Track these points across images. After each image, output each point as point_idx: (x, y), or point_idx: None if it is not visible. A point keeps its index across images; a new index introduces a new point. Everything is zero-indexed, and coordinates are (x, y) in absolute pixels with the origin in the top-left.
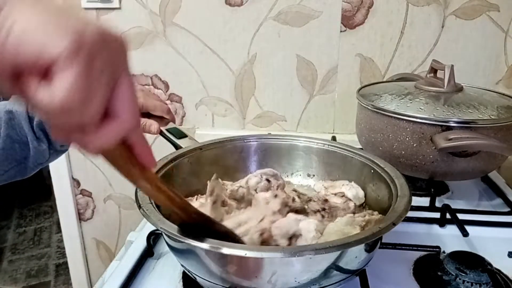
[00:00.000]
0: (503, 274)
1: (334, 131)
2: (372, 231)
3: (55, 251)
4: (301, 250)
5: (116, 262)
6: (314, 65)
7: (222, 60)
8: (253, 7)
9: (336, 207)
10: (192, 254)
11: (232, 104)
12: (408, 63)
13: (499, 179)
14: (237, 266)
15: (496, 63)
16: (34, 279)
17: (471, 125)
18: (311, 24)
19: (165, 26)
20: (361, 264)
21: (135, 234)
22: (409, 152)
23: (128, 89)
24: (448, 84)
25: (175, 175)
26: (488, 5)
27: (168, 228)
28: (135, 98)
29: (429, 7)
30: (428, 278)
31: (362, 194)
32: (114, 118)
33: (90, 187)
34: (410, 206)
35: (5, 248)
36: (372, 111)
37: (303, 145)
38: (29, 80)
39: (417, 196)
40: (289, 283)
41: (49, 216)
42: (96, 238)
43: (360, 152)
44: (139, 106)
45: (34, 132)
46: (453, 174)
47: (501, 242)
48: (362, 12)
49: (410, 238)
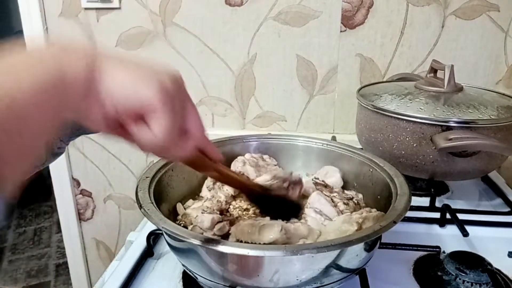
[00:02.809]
0: (503, 274)
1: (334, 131)
2: (373, 229)
3: (55, 251)
4: (303, 248)
5: (116, 262)
6: (314, 65)
7: (222, 60)
8: (253, 7)
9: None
10: (193, 253)
11: (232, 104)
12: (408, 63)
13: (499, 179)
14: (239, 264)
15: (496, 63)
16: (34, 279)
17: (471, 125)
18: (311, 24)
19: (165, 26)
20: (361, 263)
21: (135, 234)
22: (409, 152)
23: (195, 112)
24: (448, 84)
25: (174, 175)
26: (488, 5)
27: (169, 228)
28: (199, 117)
29: (429, 7)
30: (428, 278)
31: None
32: (191, 136)
33: (90, 187)
34: (410, 206)
35: (5, 248)
36: (372, 111)
37: (302, 145)
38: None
39: (417, 196)
40: (290, 282)
41: (49, 216)
42: (96, 238)
43: (359, 151)
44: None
45: None
46: (453, 174)
47: (501, 242)
48: (362, 12)
49: (410, 238)
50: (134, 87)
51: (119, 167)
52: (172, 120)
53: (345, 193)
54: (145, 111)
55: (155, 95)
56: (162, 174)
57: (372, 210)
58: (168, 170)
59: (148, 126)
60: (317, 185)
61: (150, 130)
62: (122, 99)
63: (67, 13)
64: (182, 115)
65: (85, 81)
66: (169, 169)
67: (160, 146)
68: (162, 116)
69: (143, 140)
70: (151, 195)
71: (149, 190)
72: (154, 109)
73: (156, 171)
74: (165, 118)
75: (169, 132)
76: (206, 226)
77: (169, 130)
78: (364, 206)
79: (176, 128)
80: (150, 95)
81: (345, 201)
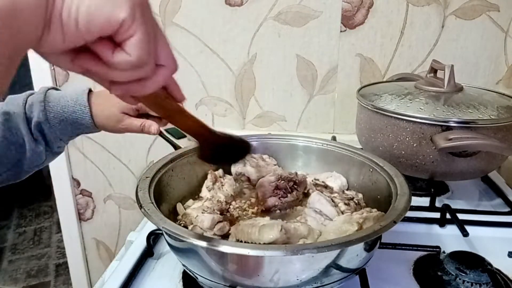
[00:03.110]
0: (503, 274)
1: (334, 131)
2: (373, 229)
3: (55, 251)
4: (303, 248)
5: (116, 262)
6: (314, 65)
7: (222, 60)
8: (253, 7)
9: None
10: (194, 253)
11: (232, 104)
12: (408, 63)
13: (499, 179)
14: (239, 264)
15: (496, 63)
16: (34, 279)
17: (471, 125)
18: (311, 24)
19: (165, 26)
20: (361, 263)
21: (135, 234)
22: (409, 152)
23: (166, 41)
24: (448, 84)
25: (174, 175)
26: (488, 5)
27: (170, 228)
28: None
29: (429, 7)
30: (428, 278)
31: (344, 181)
32: (163, 66)
33: (90, 187)
34: (410, 206)
35: (5, 248)
36: (372, 111)
37: (302, 145)
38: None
39: (417, 196)
40: (291, 281)
41: (49, 216)
42: (96, 238)
43: (359, 151)
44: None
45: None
46: (453, 174)
47: (501, 242)
48: (362, 12)
49: (410, 238)
50: (103, 7)
51: (119, 167)
52: (147, 35)
53: (345, 194)
54: (117, 30)
55: (127, 12)
56: (162, 174)
57: (373, 210)
58: (168, 170)
59: (122, 47)
60: (317, 186)
61: (124, 50)
62: (90, 21)
63: None
64: (155, 40)
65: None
66: (169, 169)
67: (135, 65)
68: (136, 32)
69: (117, 61)
70: (151, 195)
71: (149, 190)
72: (127, 26)
73: (156, 171)
74: (140, 34)
75: (145, 49)
76: (207, 226)
77: (144, 47)
78: (364, 206)
79: (150, 46)
80: (121, 12)
81: (345, 201)
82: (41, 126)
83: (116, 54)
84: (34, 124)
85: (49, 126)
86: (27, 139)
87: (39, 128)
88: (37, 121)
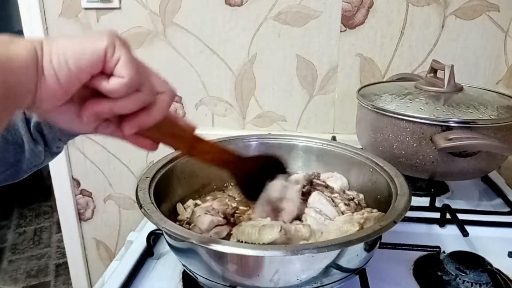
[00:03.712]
0: (503, 274)
1: (334, 131)
2: (373, 229)
3: (55, 251)
4: (303, 248)
5: (116, 262)
6: (314, 65)
7: (222, 60)
8: (253, 7)
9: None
10: (194, 253)
11: (232, 104)
12: (408, 63)
13: (499, 179)
14: (239, 264)
15: (496, 63)
16: (34, 279)
17: (471, 125)
18: (311, 24)
19: (165, 26)
20: (361, 263)
21: (135, 234)
22: (409, 152)
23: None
24: (448, 84)
25: (174, 175)
26: (488, 5)
27: (170, 228)
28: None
29: (429, 7)
30: (428, 278)
31: (346, 182)
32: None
33: (90, 187)
34: (410, 206)
35: (5, 248)
36: (372, 111)
37: (302, 145)
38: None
39: (417, 196)
40: (291, 282)
41: (49, 216)
42: (96, 238)
43: (359, 151)
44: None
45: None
46: (453, 174)
47: (501, 242)
48: (362, 12)
49: (410, 238)
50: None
51: (119, 167)
52: (130, 55)
53: (346, 194)
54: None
55: (107, 40)
56: (162, 174)
57: (374, 210)
58: (168, 170)
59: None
60: (317, 186)
61: (116, 76)
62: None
63: (67, 13)
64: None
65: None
66: (169, 169)
67: (129, 85)
68: (120, 55)
69: (113, 86)
70: (151, 195)
71: (149, 190)
72: (111, 52)
73: (156, 171)
74: (124, 56)
75: (133, 67)
76: (204, 228)
77: (131, 65)
78: (365, 207)
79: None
80: (102, 42)
81: (346, 201)
82: (40, 127)
83: (111, 81)
84: (33, 125)
85: (48, 127)
86: (26, 139)
87: (38, 129)
88: (36, 122)
